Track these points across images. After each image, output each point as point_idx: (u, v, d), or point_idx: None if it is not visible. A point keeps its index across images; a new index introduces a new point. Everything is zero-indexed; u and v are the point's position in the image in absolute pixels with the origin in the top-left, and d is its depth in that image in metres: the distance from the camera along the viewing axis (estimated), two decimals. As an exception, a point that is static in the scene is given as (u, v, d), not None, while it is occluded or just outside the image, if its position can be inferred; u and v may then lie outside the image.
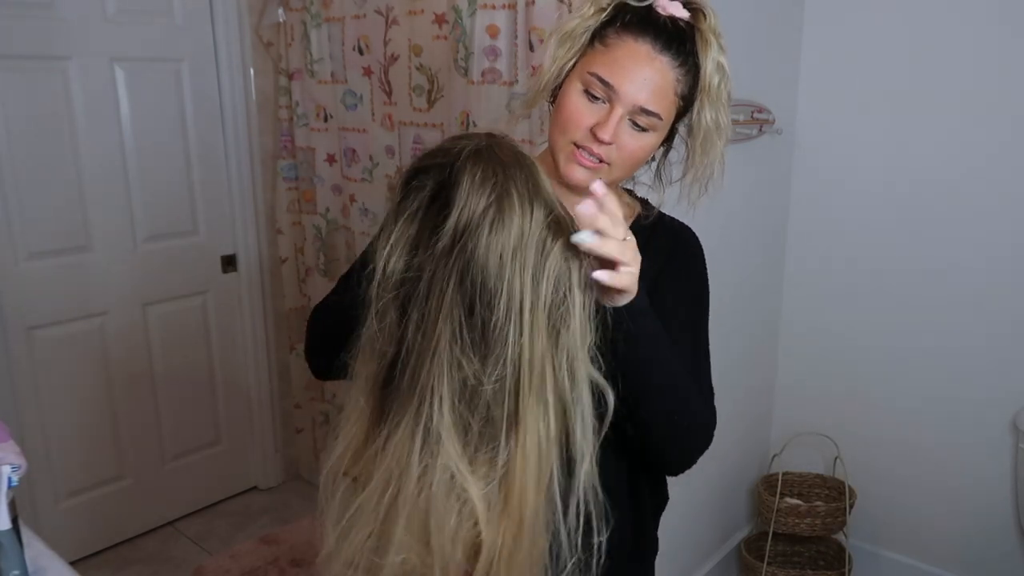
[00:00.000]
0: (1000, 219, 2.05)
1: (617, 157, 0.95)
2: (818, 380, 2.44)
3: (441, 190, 0.69)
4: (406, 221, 0.70)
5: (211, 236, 2.74)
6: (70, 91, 2.33)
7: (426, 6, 2.14)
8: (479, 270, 0.66)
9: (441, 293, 0.67)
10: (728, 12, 2.01)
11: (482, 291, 0.66)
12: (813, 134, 2.30)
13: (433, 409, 0.67)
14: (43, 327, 2.39)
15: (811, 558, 2.39)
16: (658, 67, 0.92)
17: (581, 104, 0.94)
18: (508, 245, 0.67)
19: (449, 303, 0.66)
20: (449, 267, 0.67)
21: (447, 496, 0.68)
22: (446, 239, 0.67)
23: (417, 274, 0.68)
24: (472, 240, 0.66)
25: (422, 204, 0.70)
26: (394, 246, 0.70)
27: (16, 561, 1.13)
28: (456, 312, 0.66)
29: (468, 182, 0.68)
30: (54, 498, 2.48)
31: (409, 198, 0.71)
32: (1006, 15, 1.96)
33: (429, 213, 0.70)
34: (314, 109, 2.62)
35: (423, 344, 0.67)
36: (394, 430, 0.68)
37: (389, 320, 0.70)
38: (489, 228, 0.67)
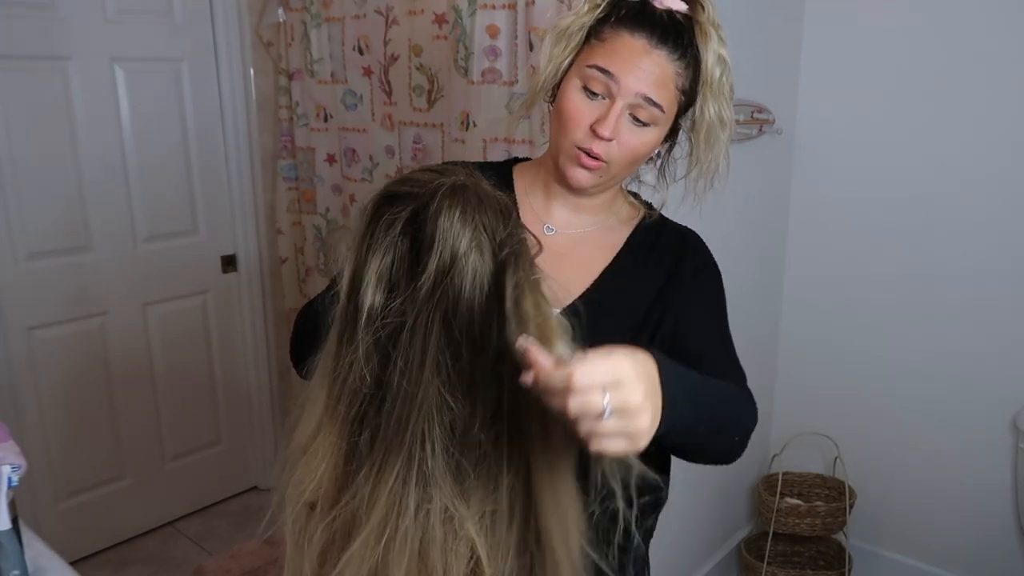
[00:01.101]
0: (1000, 220, 2.05)
1: (618, 154, 0.94)
2: (818, 380, 2.44)
3: (415, 225, 0.68)
4: (379, 255, 0.69)
5: (211, 236, 2.74)
6: (70, 91, 2.33)
7: (426, 6, 2.14)
8: (464, 313, 0.65)
9: (425, 338, 0.65)
10: (728, 12, 2.01)
11: (468, 334, 0.66)
12: (813, 134, 2.30)
13: (425, 453, 0.66)
14: (43, 327, 2.39)
15: (811, 558, 2.39)
16: (656, 59, 0.91)
17: (580, 102, 0.93)
18: (488, 289, 0.66)
19: (435, 348, 0.65)
20: (432, 312, 0.65)
21: (445, 537, 0.67)
22: (428, 283, 0.65)
23: (399, 319, 0.67)
24: (455, 284, 0.65)
25: (395, 239, 0.68)
26: (369, 281, 0.68)
27: (16, 561, 1.13)
28: (443, 358, 0.65)
29: (447, 222, 0.66)
30: (54, 498, 2.48)
31: (381, 229, 0.69)
32: (1006, 15, 1.96)
33: (403, 250, 0.68)
34: (314, 109, 2.62)
35: (410, 390, 0.66)
36: (381, 475, 0.67)
37: (371, 361, 0.68)
38: (472, 271, 0.65)
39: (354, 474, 0.70)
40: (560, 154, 0.97)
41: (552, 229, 1.04)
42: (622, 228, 1.06)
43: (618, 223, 1.06)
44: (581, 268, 1.02)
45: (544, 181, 1.05)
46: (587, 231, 1.05)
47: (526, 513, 0.70)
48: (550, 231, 1.04)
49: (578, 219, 1.05)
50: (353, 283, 0.69)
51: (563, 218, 1.05)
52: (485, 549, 0.68)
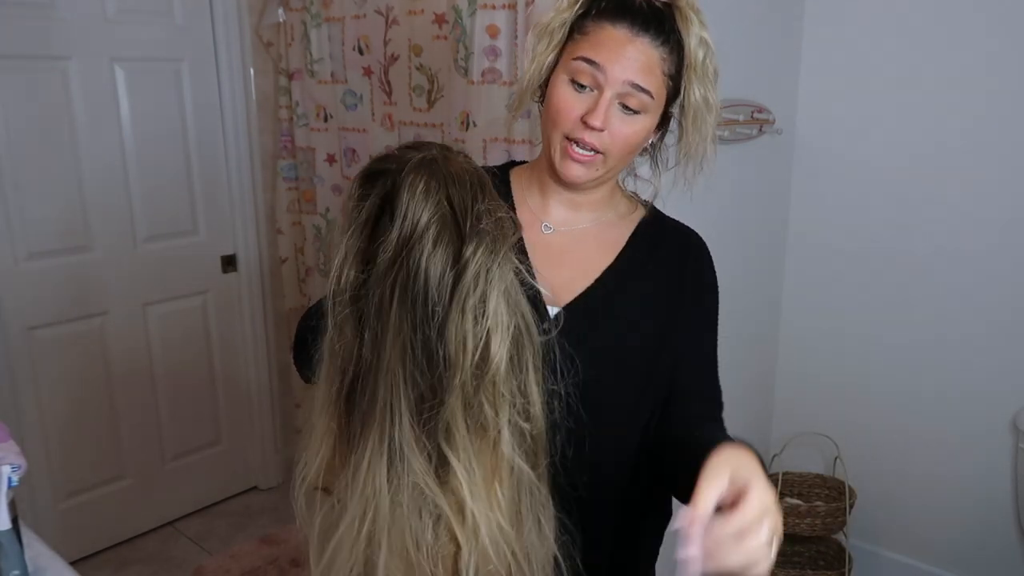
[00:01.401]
0: (1001, 220, 2.05)
1: (611, 144, 0.94)
2: (818, 380, 2.44)
3: (387, 200, 0.69)
4: (355, 231, 0.70)
5: (211, 236, 2.74)
6: (70, 91, 2.33)
7: (426, 6, 2.14)
8: (420, 284, 0.66)
9: (387, 310, 0.66)
10: (728, 12, 2.01)
11: (424, 308, 0.66)
12: (813, 134, 2.30)
13: (395, 428, 0.66)
14: (43, 327, 2.39)
15: (811, 558, 2.39)
16: (640, 47, 0.91)
17: (569, 95, 0.93)
18: (449, 263, 0.66)
19: (396, 320, 0.66)
20: (392, 283, 0.66)
21: (420, 513, 0.67)
22: (390, 252, 0.66)
23: (368, 290, 0.68)
24: (413, 256, 0.66)
25: (369, 215, 0.69)
26: (346, 257, 0.70)
27: (16, 561, 1.13)
28: (404, 328, 0.66)
29: (409, 195, 0.67)
30: (54, 498, 2.48)
31: (358, 206, 0.71)
32: (1007, 13, 1.96)
33: (376, 224, 0.69)
34: (314, 109, 2.62)
35: (377, 363, 0.67)
36: (362, 452, 0.68)
37: (347, 336, 0.69)
38: (432, 244, 0.66)
39: (348, 455, 0.71)
40: (552, 150, 0.97)
41: (550, 227, 1.04)
42: (622, 224, 1.05)
43: (617, 219, 1.06)
44: (581, 266, 1.02)
45: (540, 180, 1.05)
46: (586, 228, 1.04)
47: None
48: (548, 230, 1.04)
49: (576, 216, 1.04)
50: (337, 261, 0.70)
51: (561, 216, 1.04)
52: (460, 528, 0.68)
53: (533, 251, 0.99)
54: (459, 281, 0.66)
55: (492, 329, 0.68)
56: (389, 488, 0.67)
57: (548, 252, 1.02)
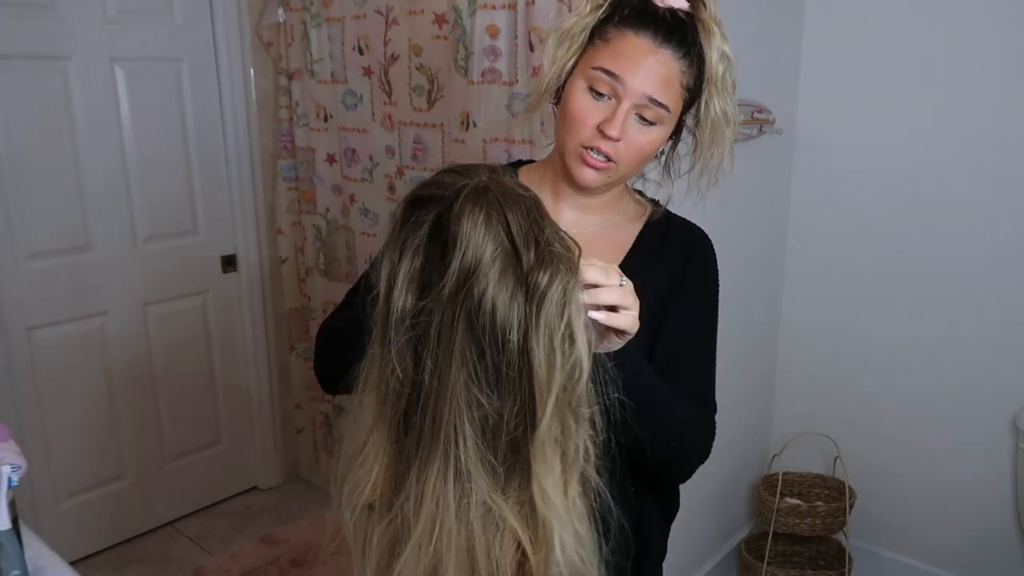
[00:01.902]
0: (1000, 219, 2.05)
1: (625, 154, 0.94)
2: (818, 380, 2.44)
3: (440, 228, 0.69)
4: (409, 257, 0.71)
5: (211, 236, 2.74)
6: (70, 91, 2.33)
7: (426, 6, 2.14)
8: (487, 313, 0.67)
9: (451, 337, 0.68)
10: (728, 12, 2.01)
11: (491, 333, 0.67)
12: (813, 134, 2.30)
13: (459, 449, 0.68)
14: (43, 327, 2.39)
15: (811, 558, 2.39)
16: (661, 59, 0.91)
17: (586, 103, 0.93)
18: (516, 291, 0.68)
19: (460, 346, 0.67)
20: (457, 311, 0.67)
21: (486, 528, 0.70)
22: (451, 282, 0.67)
23: (427, 318, 0.69)
24: (479, 284, 0.67)
25: (422, 242, 0.70)
26: (400, 283, 0.71)
27: (16, 561, 1.13)
28: (468, 355, 0.68)
29: (470, 224, 0.67)
30: (54, 498, 2.48)
31: (409, 232, 0.71)
32: (1007, 14, 1.96)
33: (431, 252, 0.70)
34: (314, 109, 2.62)
35: (440, 388, 0.68)
36: (425, 474, 0.70)
37: (404, 362, 0.71)
38: (498, 275, 0.67)
39: (404, 476, 0.72)
40: (567, 155, 0.97)
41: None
42: (630, 226, 1.06)
43: (625, 221, 1.06)
44: None
45: (552, 183, 1.05)
46: (595, 231, 1.04)
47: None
48: None
49: (585, 219, 1.05)
50: (388, 286, 0.71)
51: (571, 219, 1.04)
52: (528, 538, 0.70)
53: None
54: (541, 305, 0.68)
55: (581, 348, 0.70)
56: (456, 505, 0.69)
57: None
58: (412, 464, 0.71)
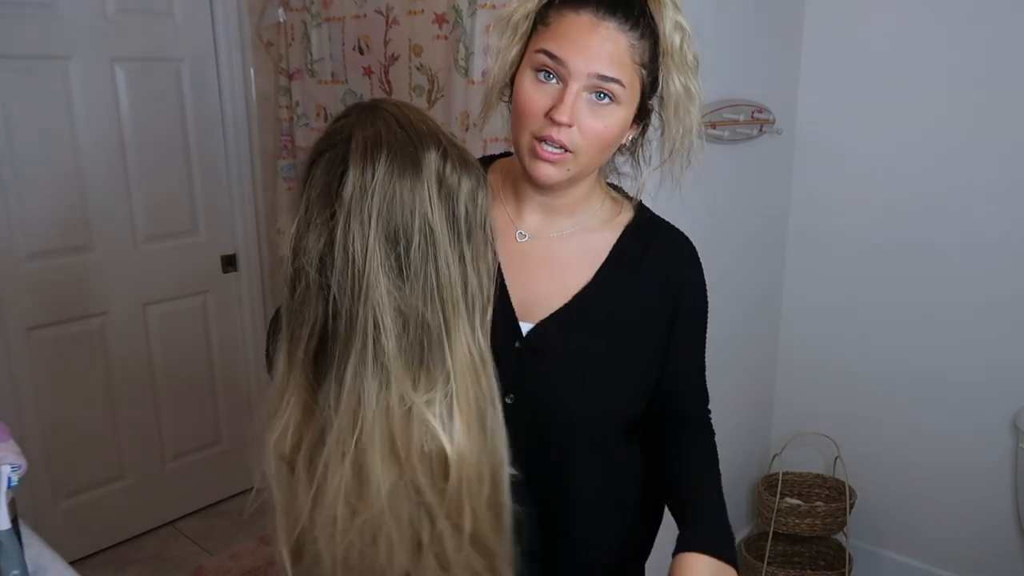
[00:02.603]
0: (1001, 219, 2.05)
1: (582, 141, 0.86)
2: (818, 380, 2.44)
3: (340, 163, 0.71)
4: (307, 197, 0.73)
5: (211, 236, 2.74)
6: (70, 91, 2.33)
7: (426, 6, 2.14)
8: (396, 205, 0.69)
9: (362, 230, 0.69)
10: (728, 12, 2.01)
11: (400, 221, 0.70)
12: (813, 134, 2.30)
13: (379, 343, 0.69)
14: (43, 327, 2.39)
15: (811, 558, 2.39)
16: (604, 33, 0.84)
17: (534, 90, 0.87)
18: (415, 179, 0.70)
19: (373, 239, 0.69)
20: (365, 207, 0.69)
21: (408, 423, 0.71)
22: (354, 188, 0.69)
23: (330, 224, 0.70)
24: (384, 182, 0.69)
25: (321, 180, 0.72)
26: (301, 224, 0.72)
27: (16, 561, 1.13)
28: (379, 245, 0.69)
29: (360, 140, 0.70)
30: (54, 498, 2.48)
31: (311, 187, 0.73)
32: (1009, 14, 1.96)
33: (330, 179, 0.71)
34: (314, 109, 2.62)
35: (355, 283, 0.69)
36: (342, 377, 0.71)
37: (310, 282, 0.72)
38: (399, 168, 0.70)
39: (320, 398, 0.73)
40: (521, 152, 0.90)
41: (525, 235, 0.97)
42: (605, 231, 0.98)
43: (599, 224, 0.98)
44: (559, 279, 0.96)
45: (514, 184, 0.98)
46: (565, 235, 0.97)
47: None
48: (523, 238, 0.97)
49: (553, 222, 0.97)
50: (296, 239, 0.73)
51: (536, 222, 0.97)
52: (446, 434, 0.72)
53: (508, 261, 0.94)
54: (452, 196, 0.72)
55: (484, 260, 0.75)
56: (376, 402, 0.70)
57: (524, 263, 0.96)
58: (329, 372, 0.72)
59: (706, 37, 0.94)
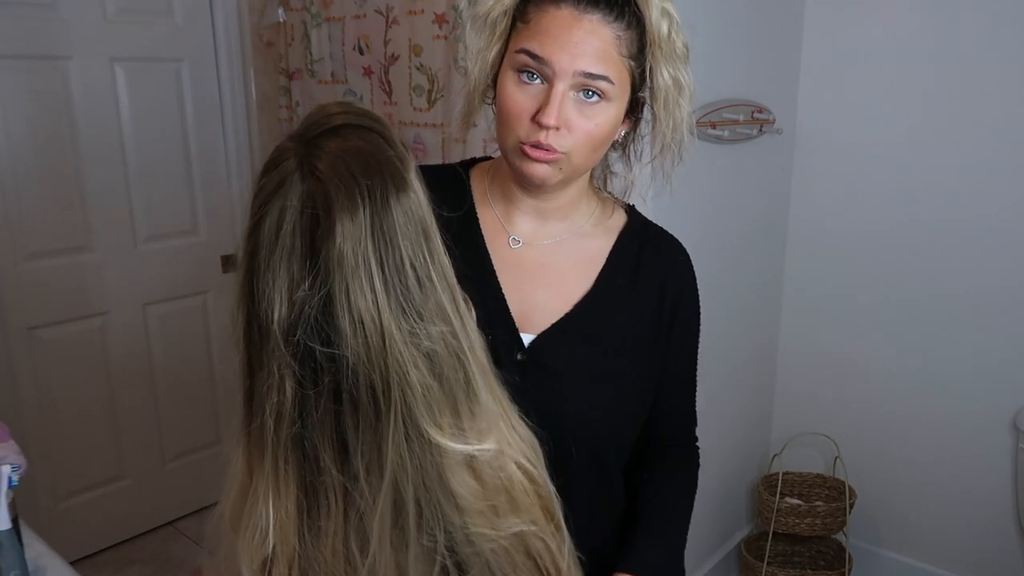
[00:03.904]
0: (1001, 219, 2.05)
1: (572, 143, 0.82)
2: (818, 380, 2.44)
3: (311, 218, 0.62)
4: (274, 265, 0.64)
5: (211, 236, 2.74)
6: (70, 91, 2.33)
7: (426, 6, 2.14)
8: (392, 242, 0.62)
9: (365, 285, 0.61)
10: (729, 12, 2.01)
11: (397, 258, 0.62)
12: (813, 134, 2.30)
13: (411, 404, 0.63)
14: (43, 327, 2.39)
15: (811, 558, 2.39)
16: (588, 27, 0.79)
17: (518, 93, 0.82)
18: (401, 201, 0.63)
19: (380, 290, 0.62)
20: (361, 259, 0.61)
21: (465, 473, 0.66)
22: (346, 242, 0.61)
23: (323, 290, 0.62)
24: (376, 222, 0.62)
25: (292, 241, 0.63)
26: (269, 296, 0.64)
27: (16, 561, 1.13)
28: (385, 294, 0.62)
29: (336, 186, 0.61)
30: (54, 498, 2.48)
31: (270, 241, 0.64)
32: (1009, 15, 1.96)
33: (306, 238, 0.62)
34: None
35: (369, 348, 0.62)
36: (378, 454, 0.64)
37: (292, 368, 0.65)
38: (382, 200, 0.62)
39: (324, 495, 0.66)
40: (509, 155, 0.85)
41: (519, 241, 0.93)
42: (599, 235, 0.95)
43: (592, 227, 0.95)
44: (557, 287, 0.92)
45: (502, 186, 0.93)
46: (560, 240, 0.93)
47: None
48: (516, 244, 0.93)
49: (545, 227, 0.93)
50: (252, 309, 0.66)
51: (529, 227, 0.93)
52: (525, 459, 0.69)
53: (502, 269, 0.91)
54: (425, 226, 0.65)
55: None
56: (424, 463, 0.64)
57: (519, 270, 0.92)
58: (327, 472, 0.64)
59: (706, 37, 0.91)
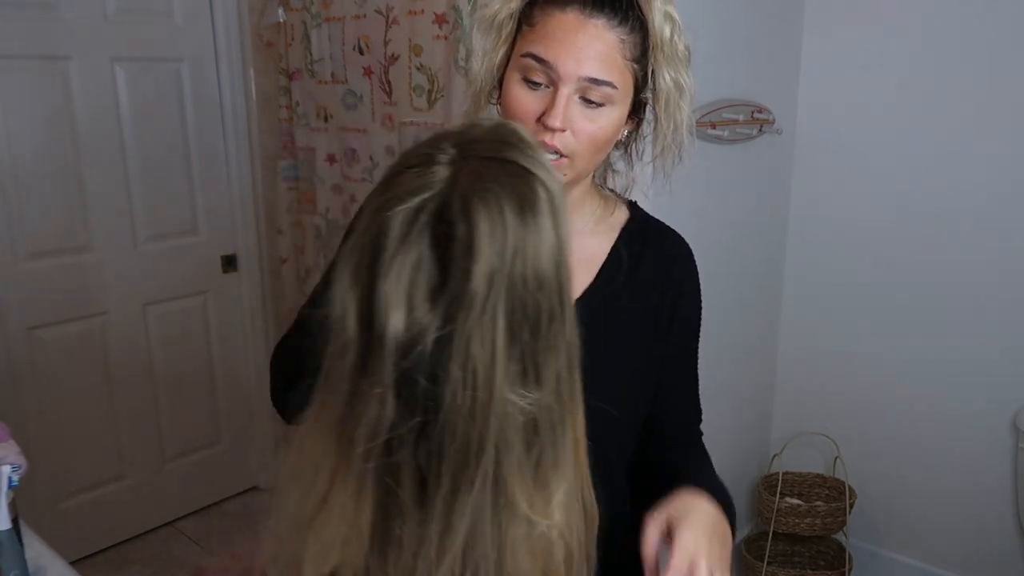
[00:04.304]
0: (1001, 219, 2.05)
1: (576, 145, 0.83)
2: (818, 380, 2.44)
3: (440, 228, 0.57)
4: (398, 269, 0.58)
5: (211, 236, 2.74)
6: (70, 91, 2.33)
7: (426, 6, 2.14)
8: (526, 295, 0.58)
9: (491, 333, 0.57)
10: (729, 12, 2.01)
11: (528, 315, 0.58)
12: (813, 134, 2.30)
13: (503, 466, 0.58)
14: (43, 327, 2.39)
15: (811, 558, 2.39)
16: (593, 32, 0.81)
17: (523, 95, 0.83)
18: (544, 254, 0.59)
19: (500, 339, 0.57)
20: (492, 303, 0.56)
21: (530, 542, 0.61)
22: (480, 280, 0.56)
23: (444, 329, 0.57)
24: (516, 267, 0.57)
25: (415, 250, 0.58)
26: (388, 301, 0.58)
27: (16, 561, 1.14)
28: (505, 347, 0.58)
29: (485, 218, 0.57)
30: (54, 498, 2.48)
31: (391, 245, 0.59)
32: (1009, 17, 1.96)
33: (429, 257, 0.58)
34: (314, 109, 2.62)
35: (474, 401, 0.57)
36: (451, 505, 0.59)
37: (405, 391, 0.58)
38: (524, 247, 0.58)
39: (397, 526, 0.61)
40: None
41: None
42: (600, 233, 0.95)
43: (594, 225, 0.95)
44: None
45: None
46: None
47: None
48: None
49: None
50: (367, 308, 0.59)
51: None
52: (575, 541, 0.63)
53: None
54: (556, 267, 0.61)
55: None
56: (494, 531, 0.59)
57: None
58: (410, 511, 0.60)
59: (706, 37, 0.92)
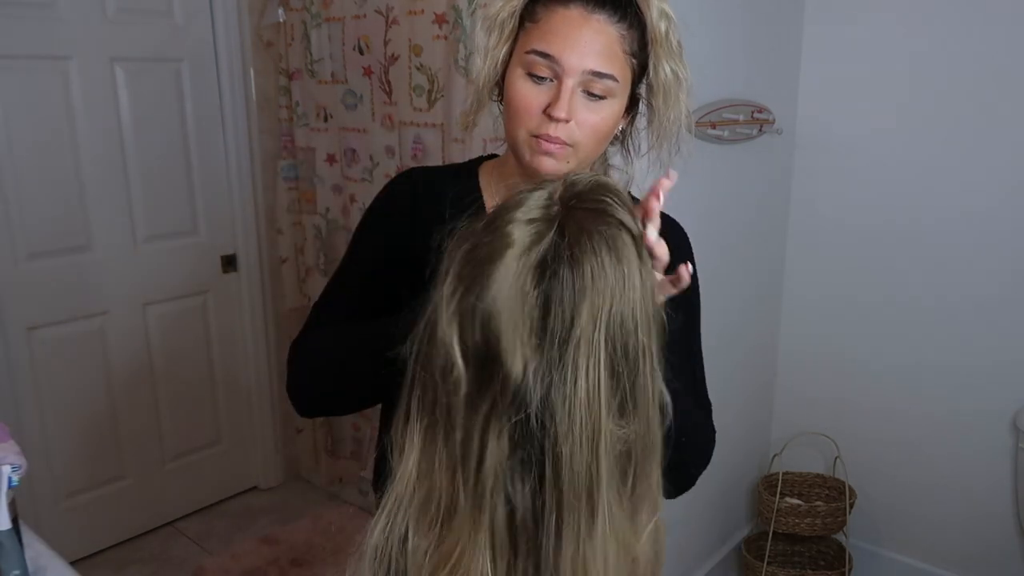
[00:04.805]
0: (1000, 218, 2.05)
1: (579, 135, 0.88)
2: (818, 380, 2.44)
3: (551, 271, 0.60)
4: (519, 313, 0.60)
5: (211, 236, 2.74)
6: (70, 91, 2.33)
7: (426, 6, 2.14)
8: (623, 333, 0.61)
9: (596, 369, 0.60)
10: (729, 12, 2.01)
11: (626, 352, 0.61)
12: (813, 134, 2.30)
13: (598, 499, 0.61)
14: (43, 327, 2.39)
15: (811, 558, 2.39)
16: (596, 27, 0.85)
17: (528, 89, 0.88)
18: (639, 298, 0.62)
19: (605, 376, 0.60)
20: (596, 339, 0.59)
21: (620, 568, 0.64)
22: (586, 322, 0.59)
23: (558, 364, 0.60)
24: (614, 307, 0.60)
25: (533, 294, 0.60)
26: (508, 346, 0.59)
27: (16, 561, 1.13)
28: (607, 382, 0.61)
29: (589, 265, 0.60)
30: (54, 498, 2.48)
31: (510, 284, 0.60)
32: (1009, 17, 1.96)
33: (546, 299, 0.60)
34: (314, 109, 2.62)
35: (585, 430, 0.60)
36: (560, 534, 0.61)
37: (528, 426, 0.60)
38: (621, 290, 0.61)
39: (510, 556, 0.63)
40: (520, 148, 0.90)
41: None
42: None
43: None
44: None
45: (508, 181, 0.98)
46: None
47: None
48: None
49: None
50: (481, 347, 0.61)
51: None
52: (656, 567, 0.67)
53: None
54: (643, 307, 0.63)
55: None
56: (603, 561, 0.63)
57: None
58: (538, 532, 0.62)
59: (706, 37, 0.93)
